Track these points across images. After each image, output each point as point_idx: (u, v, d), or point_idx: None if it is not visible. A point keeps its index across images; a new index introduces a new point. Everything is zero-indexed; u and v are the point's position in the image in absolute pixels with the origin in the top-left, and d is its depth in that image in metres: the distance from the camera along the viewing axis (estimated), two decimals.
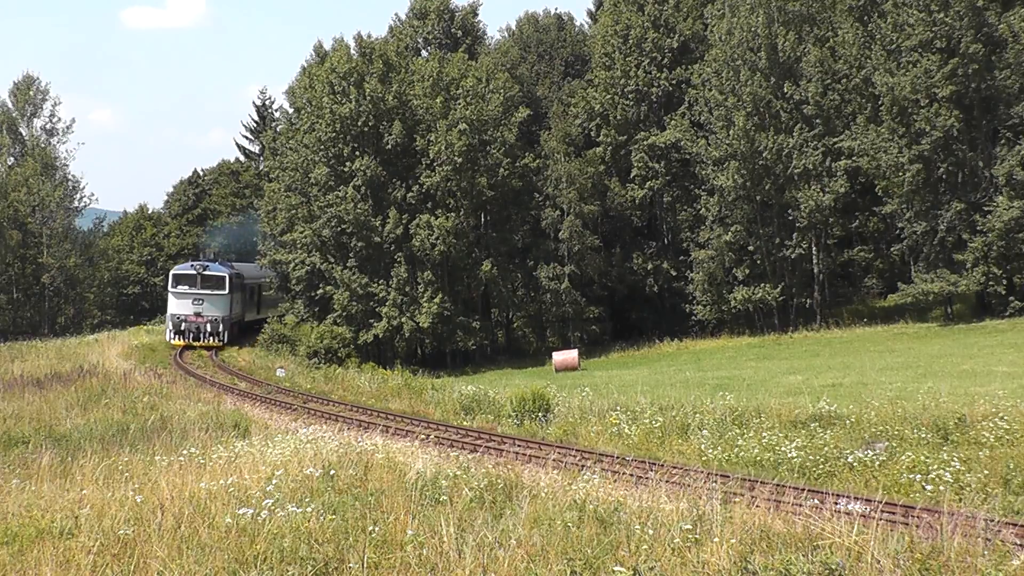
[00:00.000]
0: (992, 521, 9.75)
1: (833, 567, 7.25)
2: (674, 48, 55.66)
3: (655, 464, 14.86)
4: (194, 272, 48.54)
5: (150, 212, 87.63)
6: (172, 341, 47.96)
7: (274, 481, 10.61)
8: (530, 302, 56.51)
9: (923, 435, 16.66)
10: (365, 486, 10.37)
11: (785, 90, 48.23)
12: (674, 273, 55.89)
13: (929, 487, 13.30)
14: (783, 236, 49.37)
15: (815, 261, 49.76)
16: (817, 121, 48.03)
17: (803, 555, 7.58)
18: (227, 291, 48.88)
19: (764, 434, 17.59)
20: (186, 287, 48.32)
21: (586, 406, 22.99)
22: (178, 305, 48.26)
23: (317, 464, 11.68)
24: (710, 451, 17.28)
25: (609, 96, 56.27)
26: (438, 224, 52.73)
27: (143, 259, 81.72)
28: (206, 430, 17.67)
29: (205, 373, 37.79)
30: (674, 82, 55.35)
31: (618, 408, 22.12)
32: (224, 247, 69.05)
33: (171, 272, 49.99)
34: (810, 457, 15.78)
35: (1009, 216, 39.57)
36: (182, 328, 47.85)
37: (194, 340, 47.66)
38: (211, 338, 47.90)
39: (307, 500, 9.62)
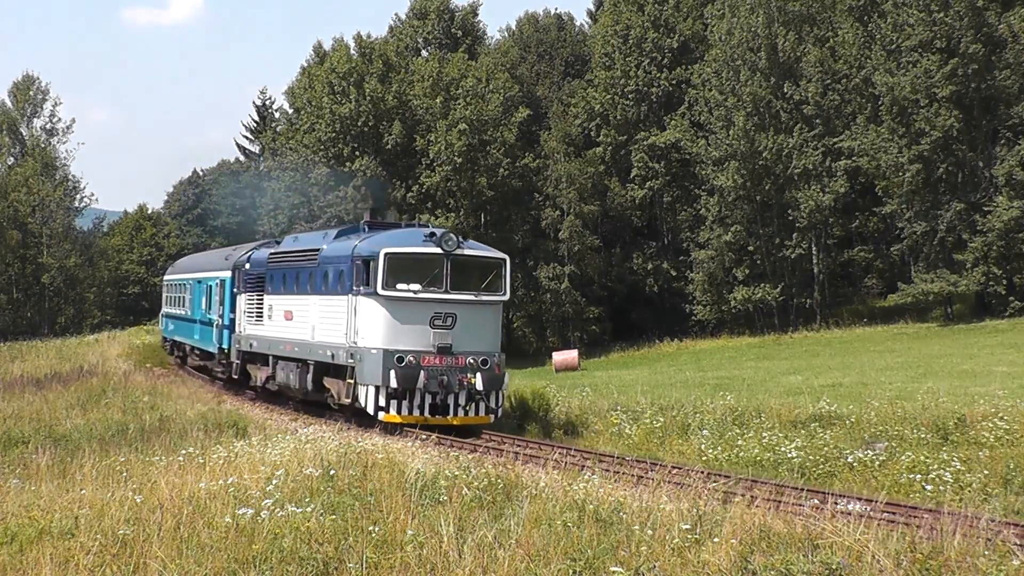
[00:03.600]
0: (993, 521, 9.75)
1: (834, 567, 7.24)
2: (674, 48, 55.67)
3: (655, 464, 14.85)
4: (439, 252, 19.82)
5: (150, 212, 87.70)
6: (383, 414, 19.18)
7: (274, 481, 10.60)
8: (530, 302, 56.51)
9: (923, 435, 16.65)
10: (365, 486, 10.37)
11: (785, 90, 48.24)
12: (674, 273, 55.90)
13: (929, 487, 13.29)
14: (783, 236, 49.36)
15: (815, 261, 49.76)
16: (817, 121, 48.04)
17: (803, 555, 7.58)
18: (504, 294, 20.71)
19: (764, 434, 17.58)
20: (416, 283, 19.61)
21: (586, 406, 22.97)
22: (398, 330, 19.51)
23: (317, 464, 11.68)
24: (710, 451, 17.28)
25: (609, 96, 56.27)
26: (438, 224, 52.77)
27: (143, 259, 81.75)
28: (206, 430, 17.65)
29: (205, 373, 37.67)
30: (674, 82, 55.36)
31: (618, 408, 22.11)
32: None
33: (382, 252, 19.63)
34: (810, 457, 15.78)
35: (1009, 216, 39.56)
36: (420, 383, 19.03)
37: (434, 412, 19.34)
38: (474, 406, 19.73)
39: (307, 500, 9.63)
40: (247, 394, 27.65)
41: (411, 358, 19.12)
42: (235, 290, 27.19)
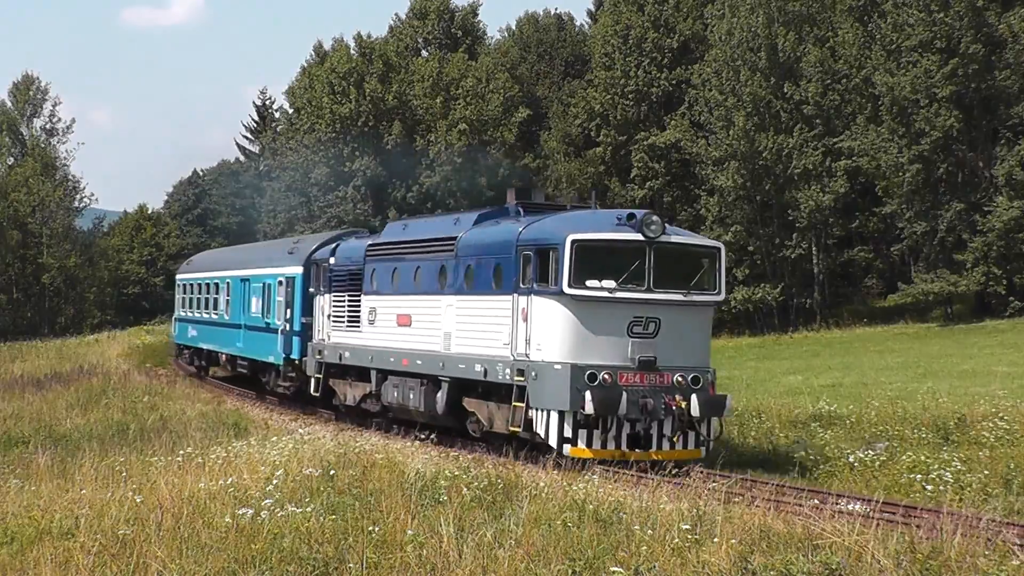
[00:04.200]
0: (993, 521, 9.75)
1: (833, 567, 7.25)
2: (674, 48, 55.63)
3: (655, 464, 14.84)
4: (639, 239, 15.07)
5: (150, 212, 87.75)
6: (570, 448, 14.81)
7: (274, 481, 10.61)
8: None
9: (923, 435, 16.65)
10: (365, 486, 10.38)
11: (785, 90, 48.19)
12: None
13: (929, 487, 13.29)
14: (783, 236, 49.35)
15: (815, 261, 49.73)
16: (817, 121, 48.01)
17: (803, 555, 7.58)
18: (719, 293, 16.18)
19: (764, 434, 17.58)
20: (611, 279, 14.96)
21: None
22: (588, 340, 14.99)
23: (316, 464, 11.68)
24: None
25: (609, 96, 56.22)
26: None
27: (143, 259, 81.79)
28: (206, 430, 17.66)
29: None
30: (674, 82, 55.32)
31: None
32: None
33: (568, 238, 14.80)
34: (810, 457, 15.79)
35: (1009, 216, 39.52)
36: (622, 408, 14.46)
37: (632, 445, 14.98)
38: (682, 437, 15.29)
39: (307, 500, 9.63)
40: (321, 414, 23.30)
41: (606, 375, 14.78)
42: (311, 290, 23.44)
